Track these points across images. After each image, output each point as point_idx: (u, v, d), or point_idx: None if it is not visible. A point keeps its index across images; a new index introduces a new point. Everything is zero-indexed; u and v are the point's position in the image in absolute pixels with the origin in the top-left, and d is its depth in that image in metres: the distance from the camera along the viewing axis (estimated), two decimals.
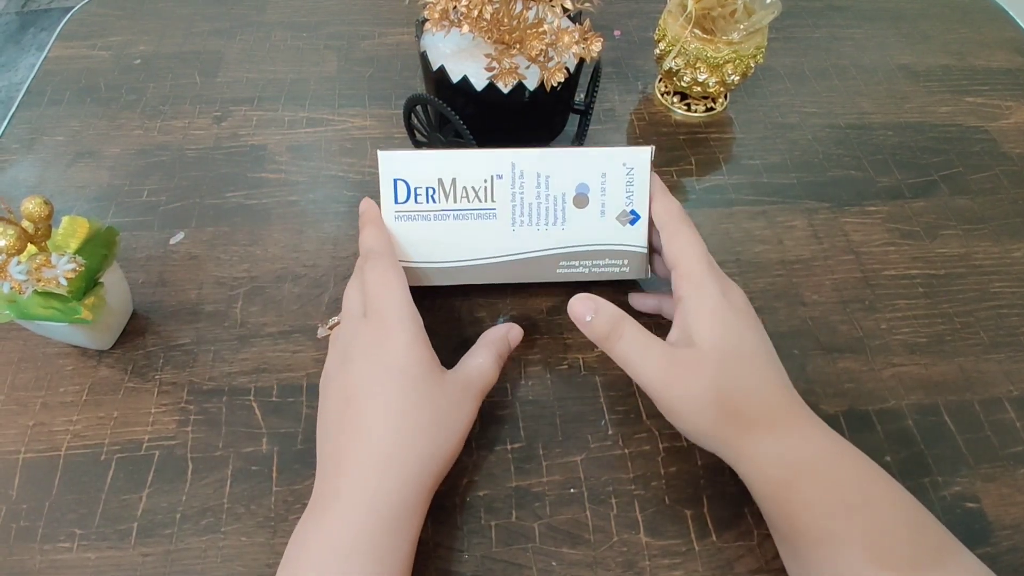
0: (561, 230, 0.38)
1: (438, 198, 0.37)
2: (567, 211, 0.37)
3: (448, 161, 0.37)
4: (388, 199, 0.37)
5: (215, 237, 0.46)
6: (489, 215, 0.37)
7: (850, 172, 0.52)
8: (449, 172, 0.37)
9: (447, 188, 0.37)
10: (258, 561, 0.33)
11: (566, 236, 0.38)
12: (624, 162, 0.37)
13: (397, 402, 0.31)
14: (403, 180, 0.37)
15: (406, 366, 0.32)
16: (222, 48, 0.60)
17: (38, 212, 0.35)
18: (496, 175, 0.37)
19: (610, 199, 0.37)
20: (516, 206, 0.37)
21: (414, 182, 0.37)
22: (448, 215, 0.37)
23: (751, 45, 0.50)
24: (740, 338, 0.32)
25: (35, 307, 0.35)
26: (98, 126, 0.53)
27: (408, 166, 0.37)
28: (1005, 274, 0.46)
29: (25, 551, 0.33)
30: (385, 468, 0.30)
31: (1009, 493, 0.36)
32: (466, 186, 0.37)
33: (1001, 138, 0.55)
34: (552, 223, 0.37)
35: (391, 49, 0.60)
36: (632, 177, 0.37)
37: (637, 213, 0.37)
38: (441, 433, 0.31)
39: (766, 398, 0.31)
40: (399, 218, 0.37)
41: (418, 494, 0.30)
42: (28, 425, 0.37)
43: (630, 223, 0.37)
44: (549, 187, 0.37)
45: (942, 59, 0.62)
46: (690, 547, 0.34)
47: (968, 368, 0.41)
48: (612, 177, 0.37)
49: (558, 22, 0.42)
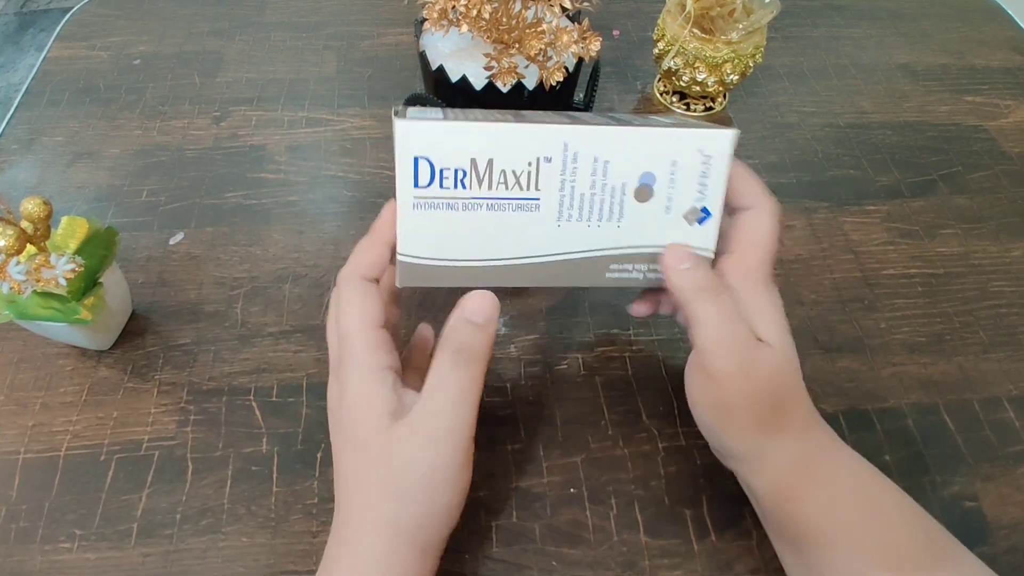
0: (616, 227, 0.30)
1: (469, 183, 0.29)
2: (626, 205, 0.30)
3: (484, 136, 0.29)
4: (407, 182, 0.29)
5: (215, 237, 0.46)
6: (531, 207, 0.30)
7: (849, 171, 0.52)
8: (485, 151, 0.29)
9: (481, 171, 0.29)
10: (259, 562, 0.33)
11: (622, 235, 0.30)
12: (701, 148, 0.29)
13: (351, 472, 0.28)
14: (426, 159, 0.29)
15: (355, 437, 0.28)
16: (221, 48, 0.60)
17: (37, 212, 0.35)
18: (544, 157, 0.29)
19: (679, 192, 0.30)
20: (565, 196, 0.30)
21: (440, 162, 0.29)
22: (480, 204, 0.29)
23: (750, 44, 0.50)
24: (790, 339, 0.31)
25: (34, 307, 0.35)
26: (97, 126, 0.53)
27: (434, 142, 0.29)
28: (1004, 273, 0.46)
29: (25, 552, 0.33)
30: (374, 534, 0.28)
31: (1008, 493, 0.36)
32: (505, 169, 0.29)
33: (1000, 137, 0.55)
34: (607, 219, 0.30)
35: (390, 49, 0.60)
36: (709, 167, 0.30)
37: (709, 211, 0.30)
38: (411, 492, 0.27)
39: (800, 402, 0.31)
40: (419, 206, 0.29)
41: (408, 559, 0.27)
42: (28, 425, 0.37)
43: (698, 222, 0.30)
44: (607, 175, 0.30)
45: (941, 58, 0.62)
46: (689, 547, 0.34)
47: (967, 367, 0.41)
48: (685, 166, 0.29)
49: (557, 21, 0.42)
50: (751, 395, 0.29)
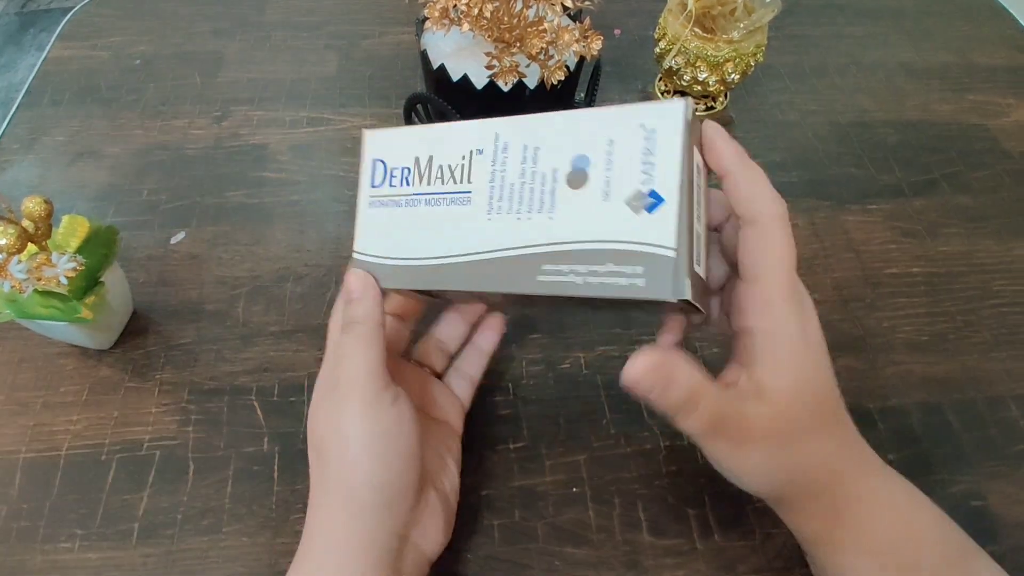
0: (549, 219, 0.26)
1: (412, 180, 0.30)
2: (557, 193, 0.26)
3: (429, 134, 0.30)
4: (366, 182, 0.31)
5: (216, 237, 0.46)
6: (464, 200, 0.28)
7: (851, 170, 0.52)
8: (426, 149, 0.29)
9: (422, 168, 0.29)
10: (260, 562, 0.33)
11: (555, 228, 0.26)
12: (643, 123, 0.25)
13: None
14: (381, 160, 0.31)
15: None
16: (222, 48, 0.60)
17: (38, 211, 0.34)
18: (476, 149, 0.28)
19: (617, 175, 0.25)
20: (495, 187, 0.28)
21: (391, 162, 0.30)
22: (419, 200, 0.29)
23: (751, 43, 0.50)
24: (813, 394, 0.27)
25: (35, 306, 0.35)
26: (98, 126, 0.53)
27: (388, 144, 0.30)
28: (1007, 272, 0.46)
29: (26, 551, 0.33)
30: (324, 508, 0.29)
31: (1014, 491, 0.36)
32: (442, 164, 0.29)
33: (1002, 136, 0.55)
34: (537, 210, 0.27)
35: (391, 48, 0.60)
36: (654, 144, 0.24)
37: (659, 196, 0.24)
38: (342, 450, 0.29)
39: (833, 466, 0.28)
40: (373, 204, 0.31)
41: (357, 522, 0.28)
42: (28, 425, 0.37)
43: (647, 209, 0.24)
44: (537, 162, 0.27)
45: (943, 57, 0.62)
46: (692, 546, 0.34)
47: (971, 366, 0.41)
48: (623, 144, 0.25)
49: (558, 20, 0.42)
50: (750, 464, 0.27)
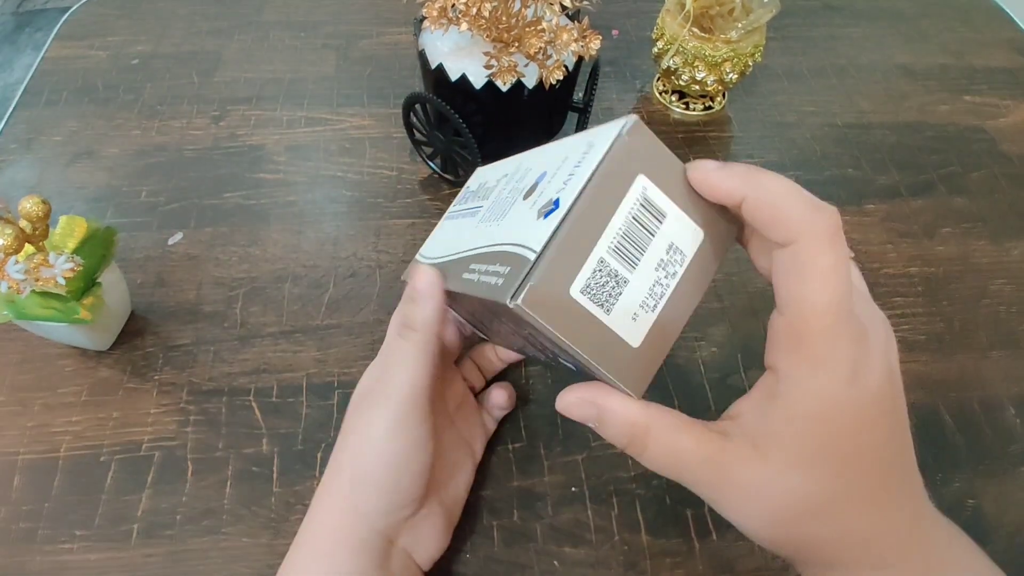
0: (497, 225, 0.27)
1: (467, 198, 0.34)
2: (514, 203, 0.27)
3: (496, 164, 0.34)
4: (454, 202, 0.37)
5: (214, 237, 0.46)
6: (475, 212, 0.31)
7: (848, 171, 0.52)
8: (491, 174, 0.33)
9: (476, 189, 0.34)
10: (260, 562, 0.33)
11: (492, 232, 0.27)
12: (592, 141, 0.24)
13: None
14: (469, 184, 0.36)
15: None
16: (220, 48, 0.60)
17: (36, 212, 0.34)
18: (505, 174, 0.31)
19: (549, 186, 0.25)
20: (493, 202, 0.29)
21: (471, 185, 0.36)
22: (459, 213, 0.33)
23: (749, 44, 0.50)
24: (851, 459, 0.21)
25: (34, 307, 0.35)
26: (96, 126, 0.53)
27: (481, 172, 0.36)
28: (1003, 273, 0.46)
29: (26, 552, 0.33)
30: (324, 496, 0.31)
31: (1009, 492, 0.36)
32: (482, 184, 0.33)
33: (999, 137, 0.55)
34: (496, 218, 0.28)
35: (389, 48, 0.60)
36: (584, 157, 0.23)
37: (558, 202, 0.23)
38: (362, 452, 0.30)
39: (871, 546, 0.23)
40: (446, 218, 0.36)
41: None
42: (28, 426, 0.37)
43: (544, 216, 0.23)
44: (522, 180, 0.28)
45: (940, 58, 0.62)
46: (691, 547, 0.34)
47: (967, 367, 0.41)
48: (569, 159, 0.25)
49: (556, 20, 0.42)
50: (839, 481, 0.22)
